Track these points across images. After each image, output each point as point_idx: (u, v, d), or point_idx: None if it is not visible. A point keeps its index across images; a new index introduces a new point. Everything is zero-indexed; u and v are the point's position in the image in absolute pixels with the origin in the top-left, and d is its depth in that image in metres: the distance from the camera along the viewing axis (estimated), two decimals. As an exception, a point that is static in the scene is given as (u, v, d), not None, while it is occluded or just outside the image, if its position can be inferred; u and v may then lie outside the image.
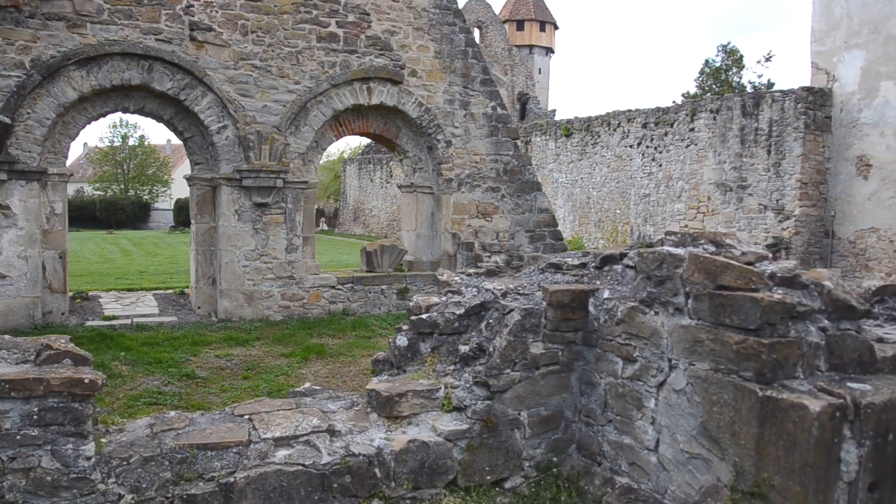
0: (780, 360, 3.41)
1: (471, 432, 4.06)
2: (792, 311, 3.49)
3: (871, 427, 3.19)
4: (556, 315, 4.18)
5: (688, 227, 21.18)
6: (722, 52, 34.51)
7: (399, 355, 4.45)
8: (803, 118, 18.16)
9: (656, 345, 3.82)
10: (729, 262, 3.52)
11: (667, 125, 21.80)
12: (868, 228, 17.85)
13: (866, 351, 3.72)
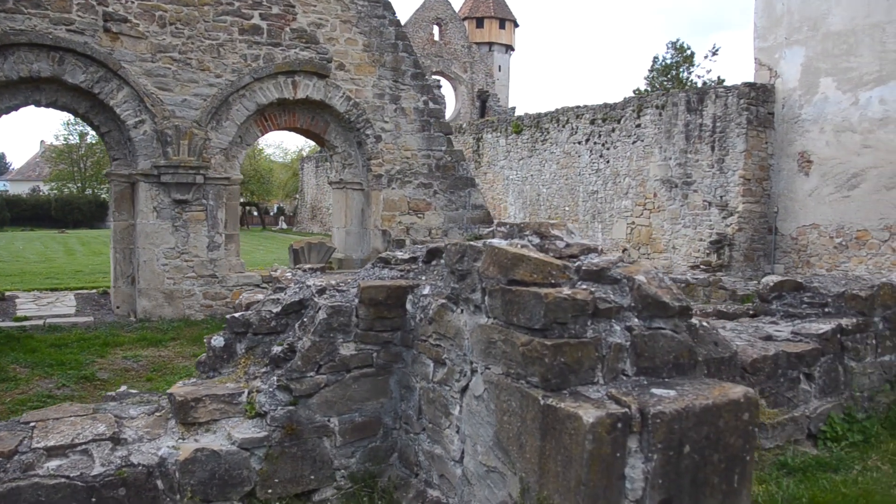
0: (571, 364, 3.08)
1: (270, 440, 3.72)
2: (585, 309, 3.16)
3: (661, 439, 2.84)
4: (369, 313, 3.87)
5: (635, 223, 21.06)
6: (672, 48, 34.57)
7: (214, 356, 4.13)
8: (746, 114, 18.07)
9: (459, 346, 3.52)
10: (523, 255, 3.20)
11: (614, 121, 21.65)
12: (809, 224, 17.81)
13: (684, 352, 3.43)
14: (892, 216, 16.17)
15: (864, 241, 16.70)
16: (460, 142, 28.92)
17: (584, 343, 3.12)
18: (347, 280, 4.18)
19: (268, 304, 4.13)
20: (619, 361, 3.21)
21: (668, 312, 3.37)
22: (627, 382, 3.17)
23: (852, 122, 16.91)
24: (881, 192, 16.36)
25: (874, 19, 16.54)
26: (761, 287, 6.17)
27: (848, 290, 5.74)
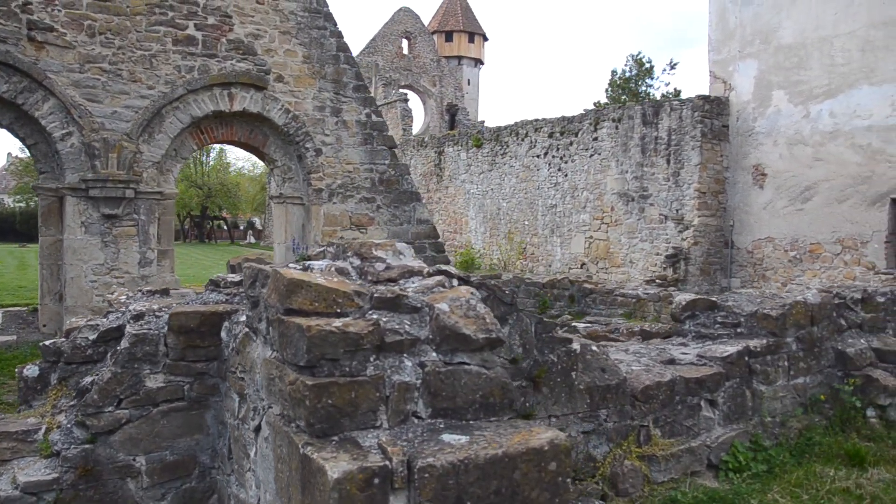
0: (342, 407, 2.70)
1: (61, 483, 3.34)
2: (361, 343, 2.78)
3: (430, 497, 2.45)
4: (179, 342, 3.52)
5: (593, 238, 20.84)
6: (631, 61, 34.52)
7: (26, 388, 3.76)
8: (700, 127, 17.94)
9: (254, 380, 3.18)
10: (302, 281, 2.84)
11: (572, 135, 21.45)
12: (764, 238, 17.66)
13: (494, 391, 3.06)
14: (844, 229, 16.04)
15: (817, 254, 16.57)
16: (422, 155, 28.67)
17: (359, 382, 2.74)
18: (171, 303, 3.82)
19: (85, 330, 3.77)
20: (408, 402, 2.85)
21: (470, 346, 3.02)
22: (418, 426, 2.81)
23: (804, 135, 16.81)
24: (833, 206, 16.24)
25: (822, 33, 16.48)
26: (674, 306, 5.88)
27: (760, 310, 5.46)
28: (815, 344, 5.70)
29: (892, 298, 6.38)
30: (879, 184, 15.46)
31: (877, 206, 15.50)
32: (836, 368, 5.86)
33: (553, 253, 22.17)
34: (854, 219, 15.88)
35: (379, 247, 3.36)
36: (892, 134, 15.26)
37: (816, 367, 5.70)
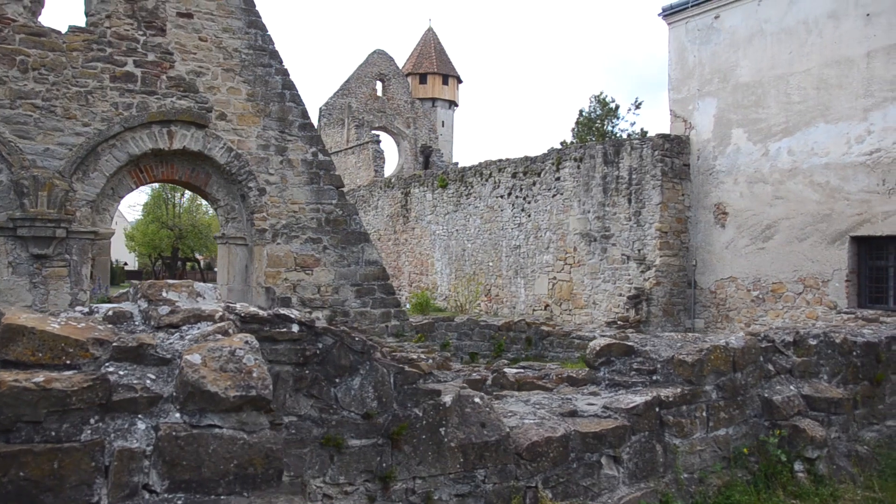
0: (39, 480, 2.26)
1: None
2: (68, 402, 2.34)
3: None
4: None
5: (556, 279, 20.47)
6: (595, 101, 34.63)
7: None
8: (660, 165, 17.73)
9: None
10: (24, 326, 2.42)
11: (535, 175, 21.22)
12: (727, 278, 17.37)
13: (255, 459, 2.61)
14: (805, 268, 15.78)
15: (779, 293, 16.27)
16: (389, 196, 28.37)
17: (66, 450, 2.30)
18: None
19: None
20: (136, 473, 2.42)
21: (220, 405, 2.57)
22: (156, 501, 2.37)
23: (764, 173, 16.64)
24: (793, 244, 16.00)
25: (778, 71, 16.41)
26: (588, 351, 5.47)
27: (676, 356, 5.06)
28: (738, 392, 5.29)
29: (826, 341, 6.00)
30: (838, 222, 15.25)
31: (836, 244, 15.27)
32: (762, 418, 5.45)
33: (517, 294, 21.78)
34: (815, 257, 15.64)
35: (172, 287, 2.95)
36: (849, 171, 15.10)
37: (740, 417, 5.29)
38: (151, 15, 12.32)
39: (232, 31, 12.98)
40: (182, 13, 12.56)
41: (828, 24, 15.70)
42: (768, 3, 16.85)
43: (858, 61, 15.11)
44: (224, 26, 12.91)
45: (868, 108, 14.90)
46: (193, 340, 2.68)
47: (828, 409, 5.69)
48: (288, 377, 3.29)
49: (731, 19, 17.66)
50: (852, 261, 15.16)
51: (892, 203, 14.46)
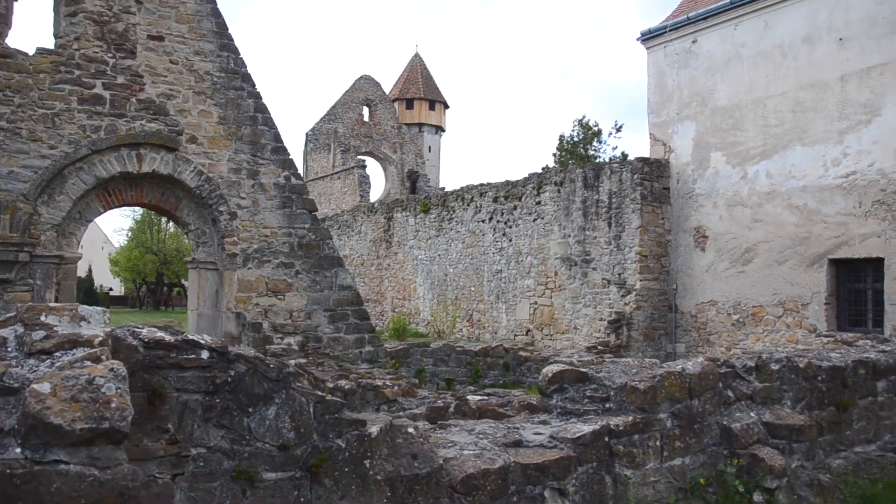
0: None
1: None
2: None
3: None
4: None
5: (537, 303, 20.30)
6: (578, 126, 34.72)
7: None
8: (640, 189, 17.66)
9: None
10: None
11: (516, 199, 21.13)
12: (707, 301, 17.24)
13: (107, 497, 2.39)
14: (785, 291, 15.67)
15: (760, 317, 16.15)
16: (372, 221, 28.23)
17: None
18: None
19: None
20: None
21: (65, 439, 2.38)
22: None
23: (743, 197, 16.58)
24: (773, 267, 15.90)
25: (756, 94, 16.42)
26: (540, 378, 5.30)
27: (628, 383, 4.89)
28: (695, 420, 5.12)
29: (790, 366, 5.85)
30: (817, 244, 15.17)
31: (815, 267, 15.18)
32: (721, 447, 5.27)
33: (499, 319, 21.60)
34: (794, 280, 15.54)
35: (53, 311, 2.78)
36: (826, 194, 15.05)
37: (697, 445, 5.11)
38: (121, 37, 12.20)
39: (204, 54, 12.88)
40: (153, 36, 12.45)
41: (802, 49, 15.73)
42: (744, 27, 16.90)
43: (833, 85, 15.13)
44: (196, 49, 12.81)
45: (843, 131, 14.88)
46: (58, 368, 2.50)
47: (789, 436, 5.52)
48: (196, 406, 3.11)
49: (708, 43, 17.69)
50: (831, 283, 15.07)
51: (868, 225, 14.40)
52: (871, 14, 14.70)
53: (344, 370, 10.89)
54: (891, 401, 6.89)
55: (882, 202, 14.25)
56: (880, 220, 14.26)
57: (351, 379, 9.79)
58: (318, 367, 10.93)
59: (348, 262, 29.69)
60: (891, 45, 14.38)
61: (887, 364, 6.89)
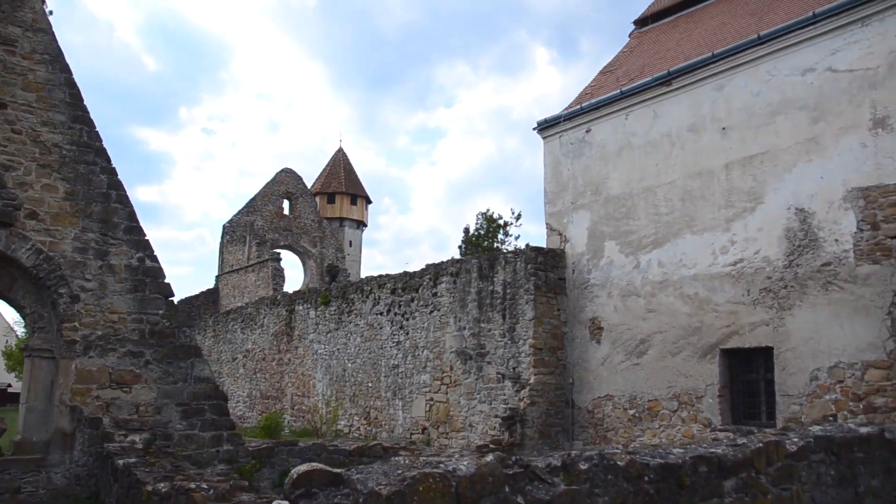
0: None
1: None
2: None
3: None
4: None
5: (433, 399, 19.29)
6: (482, 218, 34.68)
7: None
8: (533, 279, 17.10)
9: None
10: None
11: (413, 290, 20.37)
12: (604, 396, 16.50)
13: None
14: (679, 384, 15.06)
15: (655, 411, 15.45)
16: (274, 314, 27.08)
17: None
18: None
19: None
20: None
21: None
22: None
23: (636, 286, 16.14)
24: (667, 359, 15.33)
25: (647, 183, 16.25)
26: (286, 481, 4.36)
27: (374, 488, 4.00)
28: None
29: (604, 465, 5.04)
30: (709, 334, 14.70)
31: (708, 357, 14.66)
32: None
33: (396, 417, 20.45)
34: (688, 372, 14.96)
35: None
36: (716, 282, 14.70)
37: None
38: (-42, 104, 11.30)
39: (53, 125, 12.01)
40: (-6, 104, 11.57)
41: (689, 138, 15.69)
42: (635, 116, 16.88)
43: (718, 173, 15.02)
44: (44, 119, 11.94)
45: (730, 219, 14.68)
46: None
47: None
48: None
49: (601, 133, 17.62)
50: (724, 375, 14.53)
51: (757, 314, 14.01)
52: (749, 104, 14.77)
53: (178, 470, 9.69)
54: (742, 503, 6.12)
55: (769, 290, 13.92)
56: (768, 307, 13.89)
57: (177, 481, 8.64)
58: (149, 467, 9.71)
59: (250, 357, 28.32)
60: (768, 135, 14.38)
61: (735, 460, 6.16)
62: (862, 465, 8.27)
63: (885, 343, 12.46)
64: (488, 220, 34.38)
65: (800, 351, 13.44)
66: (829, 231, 13.38)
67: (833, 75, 13.76)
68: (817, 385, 13.17)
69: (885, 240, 12.73)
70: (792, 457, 7.04)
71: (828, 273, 13.27)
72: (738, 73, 15.14)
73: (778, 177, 14.19)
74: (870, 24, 13.44)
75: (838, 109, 13.58)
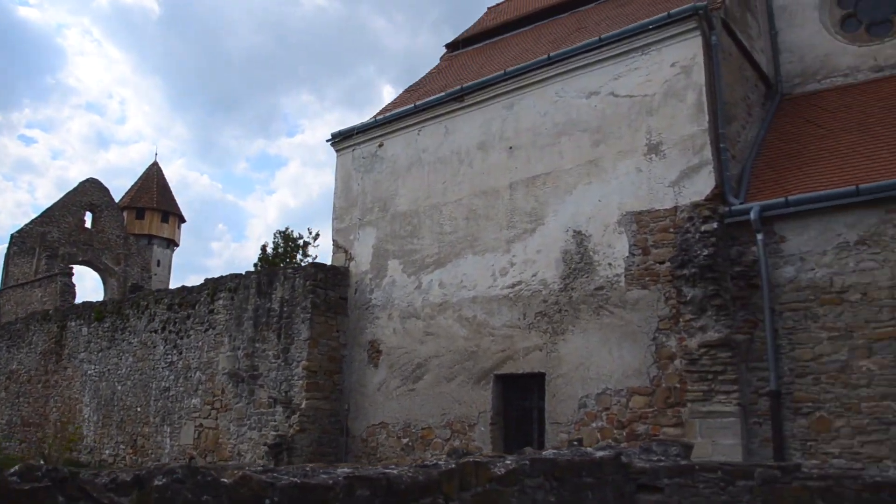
0: None
1: None
2: None
3: None
4: None
5: (202, 425, 17.59)
6: (280, 237, 33.40)
7: None
8: (311, 297, 15.94)
9: None
10: None
11: (189, 307, 18.67)
12: (378, 423, 15.50)
13: None
14: (453, 411, 14.32)
15: (429, 440, 14.61)
16: (45, 331, 24.30)
17: None
18: None
19: None
20: None
21: None
22: None
23: (416, 308, 15.35)
24: (442, 384, 14.57)
25: (433, 201, 15.61)
26: None
27: None
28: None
29: (195, 481, 3.92)
30: (484, 359, 14.08)
31: (482, 383, 14.02)
32: None
33: (163, 445, 18.54)
34: (462, 399, 14.25)
35: None
36: (494, 305, 14.15)
37: None
38: None
39: None
40: None
41: (477, 155, 15.22)
42: (427, 132, 16.27)
43: (503, 192, 14.58)
44: None
45: (511, 240, 14.22)
46: None
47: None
48: None
49: (393, 148, 16.88)
50: (497, 402, 13.92)
51: (531, 338, 13.54)
52: (537, 124, 14.48)
53: None
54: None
55: (544, 314, 13.49)
56: (542, 332, 13.45)
57: None
58: None
59: (14, 380, 25.27)
60: (552, 156, 14.11)
61: (414, 483, 5.23)
62: (590, 490, 7.64)
63: (649, 369, 12.26)
64: (286, 238, 32.98)
65: (570, 377, 13.04)
66: (603, 255, 13.15)
67: (615, 100, 13.68)
68: (585, 412, 12.79)
69: (654, 265, 12.60)
70: (498, 481, 6.22)
71: (600, 297, 13.00)
72: (529, 93, 14.87)
73: (559, 198, 13.89)
74: (649, 53, 13.48)
75: (618, 133, 13.48)
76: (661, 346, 12.19)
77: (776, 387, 11.30)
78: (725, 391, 11.48)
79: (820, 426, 10.94)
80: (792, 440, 11.17)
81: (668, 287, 12.27)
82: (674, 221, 12.47)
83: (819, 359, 11.12)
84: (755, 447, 11.42)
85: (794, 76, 16.45)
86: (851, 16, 16.53)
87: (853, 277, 11.06)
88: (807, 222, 11.61)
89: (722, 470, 8.30)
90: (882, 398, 10.51)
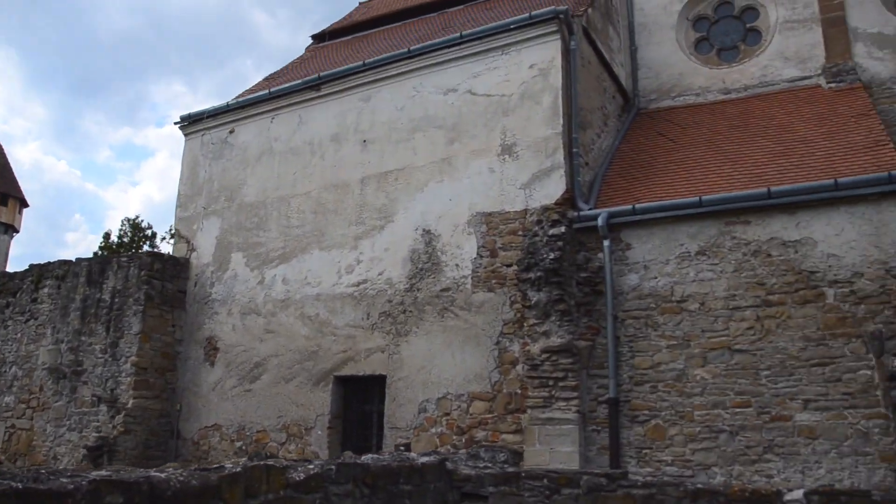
0: None
1: None
2: None
3: None
4: None
5: (15, 427, 16.02)
6: (128, 224, 31.57)
7: None
8: (146, 288, 14.81)
9: None
10: None
11: (10, 295, 17.05)
12: (212, 426, 14.54)
13: None
14: (290, 413, 13.58)
15: (263, 443, 13.79)
16: None
17: None
18: None
19: None
20: None
21: None
22: None
23: (258, 304, 14.54)
24: (280, 385, 13.81)
25: (282, 192, 14.87)
26: None
27: None
28: None
29: None
30: (325, 360, 13.45)
31: (321, 385, 13.38)
32: None
33: (-30, 448, 16.77)
34: (300, 401, 13.54)
35: None
36: (338, 304, 13.55)
37: None
38: None
39: None
40: None
41: (330, 147, 14.61)
42: (280, 120, 15.51)
43: (354, 186, 14.03)
44: None
45: (359, 237, 13.68)
46: None
47: None
48: None
49: (244, 135, 16.00)
50: (336, 405, 13.30)
51: (374, 339, 13.02)
52: (393, 119, 14.04)
53: None
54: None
55: (388, 314, 13.01)
56: (385, 332, 12.96)
57: None
58: None
59: None
60: (406, 152, 13.70)
61: (184, 490, 4.57)
62: (408, 498, 7.18)
63: (491, 374, 11.99)
64: (134, 227, 31.09)
65: (411, 381, 12.60)
66: (451, 255, 12.81)
67: (472, 98, 13.43)
68: (425, 417, 12.38)
69: (501, 268, 12.36)
70: (295, 487, 5.64)
71: (445, 299, 12.65)
72: (386, 86, 14.41)
73: (410, 195, 13.48)
74: (509, 53, 13.31)
75: (473, 132, 13.22)
76: (504, 351, 11.95)
77: (615, 394, 11.24)
78: (565, 398, 11.33)
79: (655, 434, 10.94)
80: (628, 448, 11.13)
81: (514, 291, 12.06)
82: (523, 224, 12.28)
83: (657, 367, 11.14)
84: (592, 455, 11.32)
85: (650, 91, 16.78)
86: (705, 39, 17.06)
87: (692, 287, 11.16)
88: (652, 231, 11.66)
89: (548, 478, 8.05)
90: (713, 406, 10.61)
